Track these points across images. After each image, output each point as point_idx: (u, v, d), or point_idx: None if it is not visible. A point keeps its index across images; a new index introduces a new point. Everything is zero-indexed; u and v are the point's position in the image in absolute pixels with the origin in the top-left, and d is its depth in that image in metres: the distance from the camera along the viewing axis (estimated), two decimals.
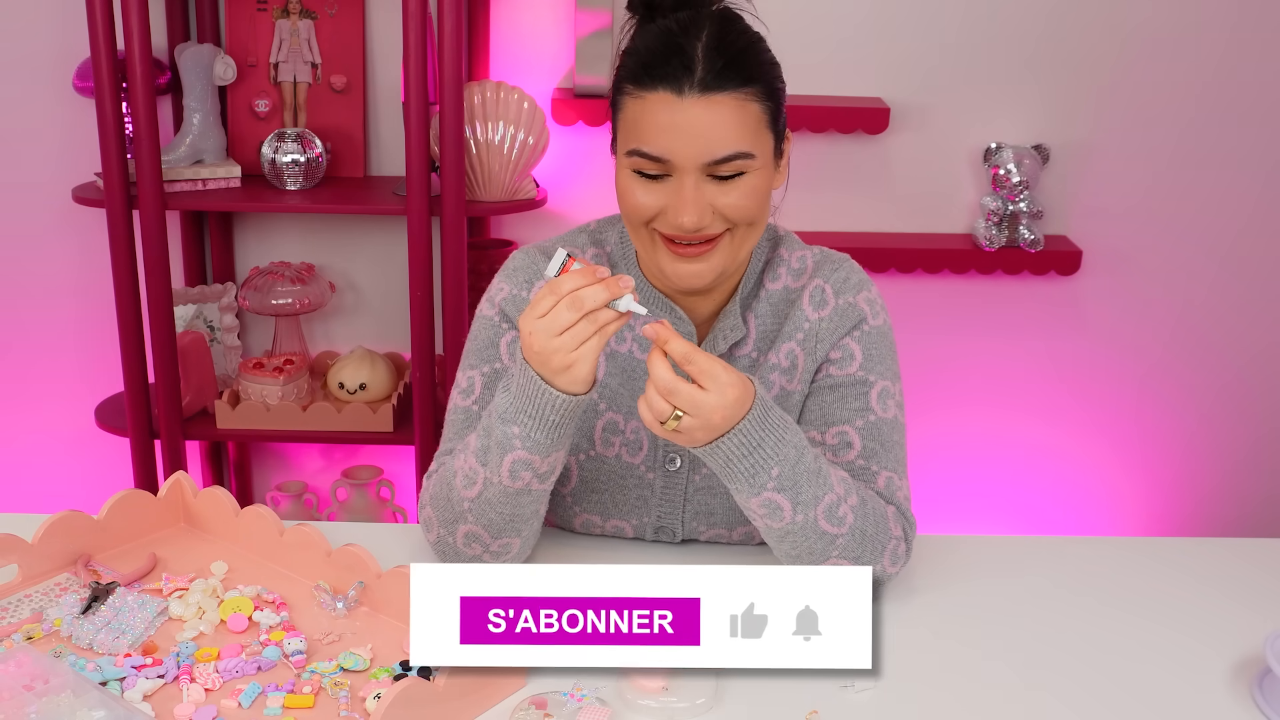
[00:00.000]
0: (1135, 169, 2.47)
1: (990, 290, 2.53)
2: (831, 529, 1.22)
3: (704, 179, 1.22)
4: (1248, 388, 2.63)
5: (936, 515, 2.66)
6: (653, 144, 1.21)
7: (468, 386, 1.36)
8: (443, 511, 1.29)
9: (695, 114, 1.20)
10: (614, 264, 1.39)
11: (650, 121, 1.21)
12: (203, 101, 2.24)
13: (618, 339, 1.38)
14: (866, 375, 1.35)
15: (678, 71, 1.20)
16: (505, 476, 1.22)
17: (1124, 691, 1.19)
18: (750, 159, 1.22)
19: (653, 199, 1.24)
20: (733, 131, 1.21)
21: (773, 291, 1.38)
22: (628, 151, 1.24)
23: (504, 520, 1.26)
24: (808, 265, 1.39)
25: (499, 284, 1.40)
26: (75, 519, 1.30)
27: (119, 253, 2.15)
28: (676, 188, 1.22)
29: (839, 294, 1.37)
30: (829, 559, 1.24)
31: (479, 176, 2.22)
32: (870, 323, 1.37)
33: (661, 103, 1.21)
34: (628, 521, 1.42)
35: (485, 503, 1.25)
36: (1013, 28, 2.38)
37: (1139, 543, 1.56)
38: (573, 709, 1.08)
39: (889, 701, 1.16)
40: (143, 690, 1.09)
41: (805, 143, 2.40)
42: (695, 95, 1.20)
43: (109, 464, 2.55)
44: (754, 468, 1.17)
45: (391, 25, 2.31)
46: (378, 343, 2.51)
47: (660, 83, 1.21)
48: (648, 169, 1.23)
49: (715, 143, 1.20)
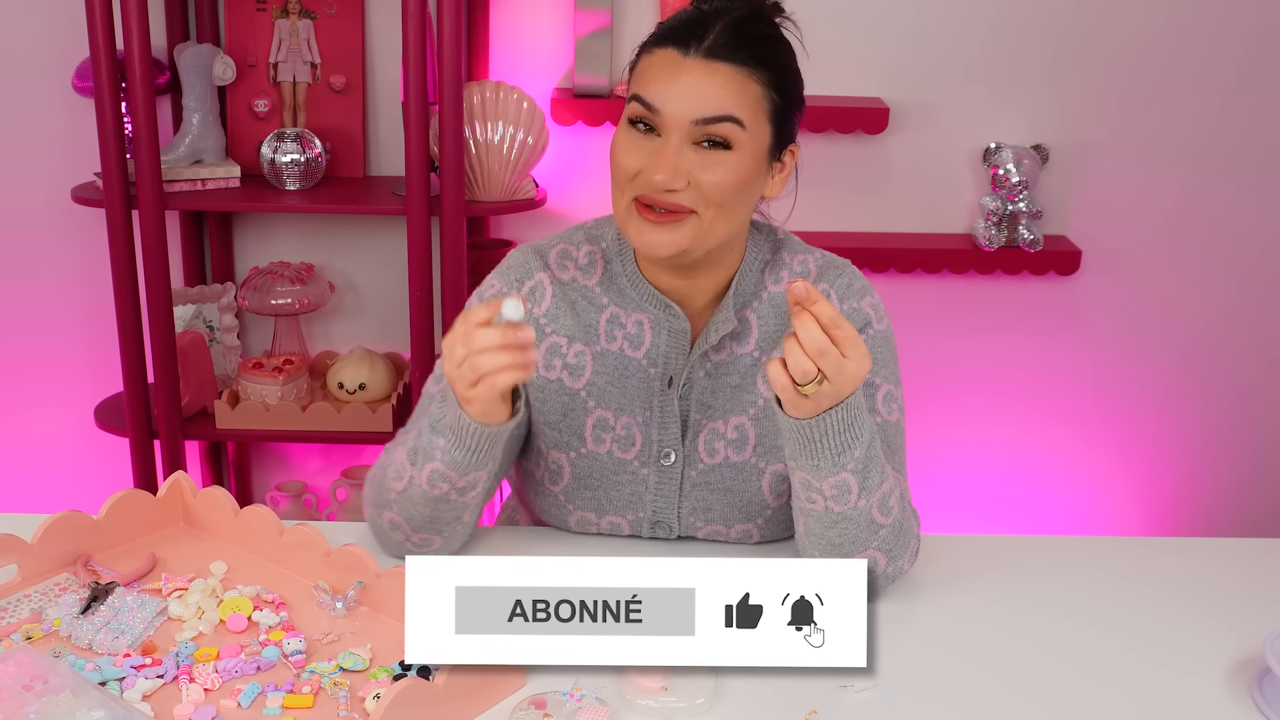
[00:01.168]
0: (1135, 169, 2.47)
1: (990, 290, 2.53)
2: (881, 519, 1.24)
3: (688, 145, 1.24)
4: (1249, 387, 2.63)
5: (936, 515, 2.65)
6: (648, 90, 1.25)
7: (438, 374, 1.39)
8: (375, 493, 1.34)
9: (695, 73, 1.24)
10: (609, 261, 1.40)
11: (652, 73, 1.26)
12: (202, 101, 2.23)
13: (607, 336, 1.38)
14: (873, 379, 1.35)
15: (688, 35, 1.25)
16: (424, 483, 1.26)
17: (1124, 691, 1.19)
18: (739, 127, 1.24)
19: (637, 157, 1.26)
20: (727, 98, 1.24)
21: (775, 294, 1.39)
22: (629, 98, 1.28)
23: (424, 519, 1.30)
24: (810, 269, 1.41)
25: (491, 281, 1.41)
26: (75, 519, 1.30)
27: (119, 253, 2.15)
28: (661, 146, 1.25)
29: (844, 299, 1.38)
30: (868, 549, 1.25)
31: (478, 176, 2.22)
32: (875, 327, 1.38)
33: (666, 57, 1.25)
34: (623, 517, 1.42)
35: (408, 499, 1.29)
36: (1013, 28, 2.38)
37: (1139, 543, 1.56)
38: (572, 709, 1.08)
39: (889, 701, 1.16)
40: (142, 690, 1.09)
41: (805, 143, 2.37)
42: (698, 58, 1.24)
43: (108, 464, 2.55)
44: (844, 444, 1.17)
45: (391, 25, 2.31)
46: (377, 343, 2.51)
47: (670, 42, 1.26)
48: (642, 116, 1.26)
49: (706, 101, 1.23)
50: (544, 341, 1.38)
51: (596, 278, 1.39)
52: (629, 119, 1.28)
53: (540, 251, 1.41)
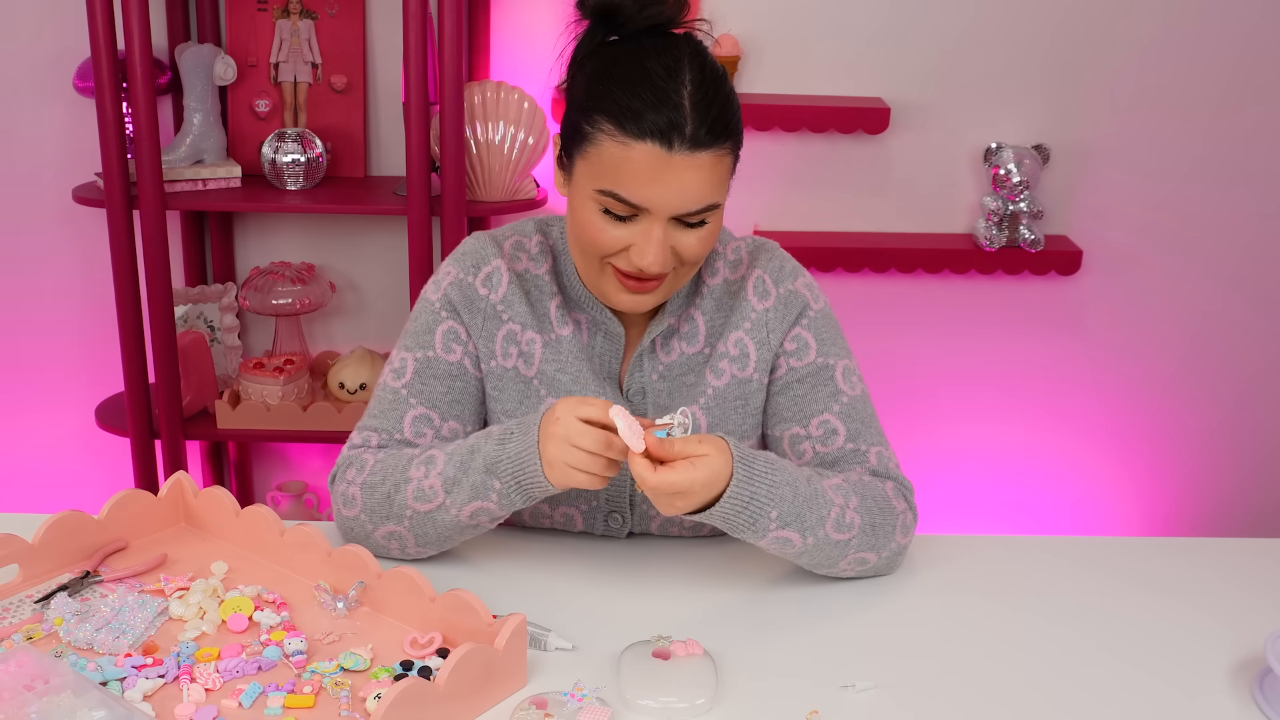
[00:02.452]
0: (1136, 169, 2.47)
1: (990, 290, 2.53)
2: (843, 536, 1.28)
3: (670, 224, 1.24)
4: (1249, 387, 2.63)
5: (936, 515, 2.66)
6: (632, 193, 1.22)
7: (400, 367, 1.38)
8: (374, 503, 1.32)
9: (681, 171, 1.20)
10: (556, 256, 1.41)
11: (633, 172, 1.21)
12: (203, 101, 2.24)
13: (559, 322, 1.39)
14: (826, 360, 1.39)
15: (668, 127, 1.19)
16: (465, 516, 1.27)
17: (1124, 691, 1.19)
18: (718, 209, 1.26)
19: (619, 237, 1.25)
20: (709, 186, 1.23)
21: (714, 286, 1.41)
22: (601, 190, 1.23)
23: (438, 538, 1.32)
24: (743, 256, 1.43)
25: (447, 268, 1.41)
26: (75, 519, 1.30)
27: (119, 253, 2.15)
28: (645, 231, 1.23)
29: (778, 283, 1.40)
30: (846, 558, 1.31)
31: (479, 176, 2.22)
32: (814, 307, 1.41)
33: (649, 155, 1.20)
34: (576, 508, 1.43)
35: (430, 521, 1.29)
36: (1013, 28, 2.38)
37: (1139, 543, 1.55)
38: (573, 709, 1.08)
39: (889, 701, 1.16)
40: (143, 690, 1.09)
41: (805, 143, 2.40)
42: (684, 153, 1.20)
43: (109, 464, 2.55)
44: (753, 518, 1.22)
45: (391, 25, 2.31)
46: (378, 343, 2.51)
47: (650, 136, 1.19)
48: (618, 211, 1.24)
49: (693, 197, 1.22)
50: (500, 329, 1.38)
51: (547, 267, 1.40)
52: (601, 208, 1.24)
53: (496, 239, 1.42)
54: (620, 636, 1.22)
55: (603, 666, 1.18)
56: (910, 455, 2.61)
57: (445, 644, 1.17)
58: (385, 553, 1.35)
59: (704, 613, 1.31)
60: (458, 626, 1.16)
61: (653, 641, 1.18)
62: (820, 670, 1.20)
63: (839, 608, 1.32)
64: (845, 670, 1.20)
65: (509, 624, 1.12)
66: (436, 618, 1.18)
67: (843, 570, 1.33)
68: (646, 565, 1.40)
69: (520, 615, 1.13)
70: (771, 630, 1.27)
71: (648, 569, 1.39)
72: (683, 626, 1.27)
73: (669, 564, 1.40)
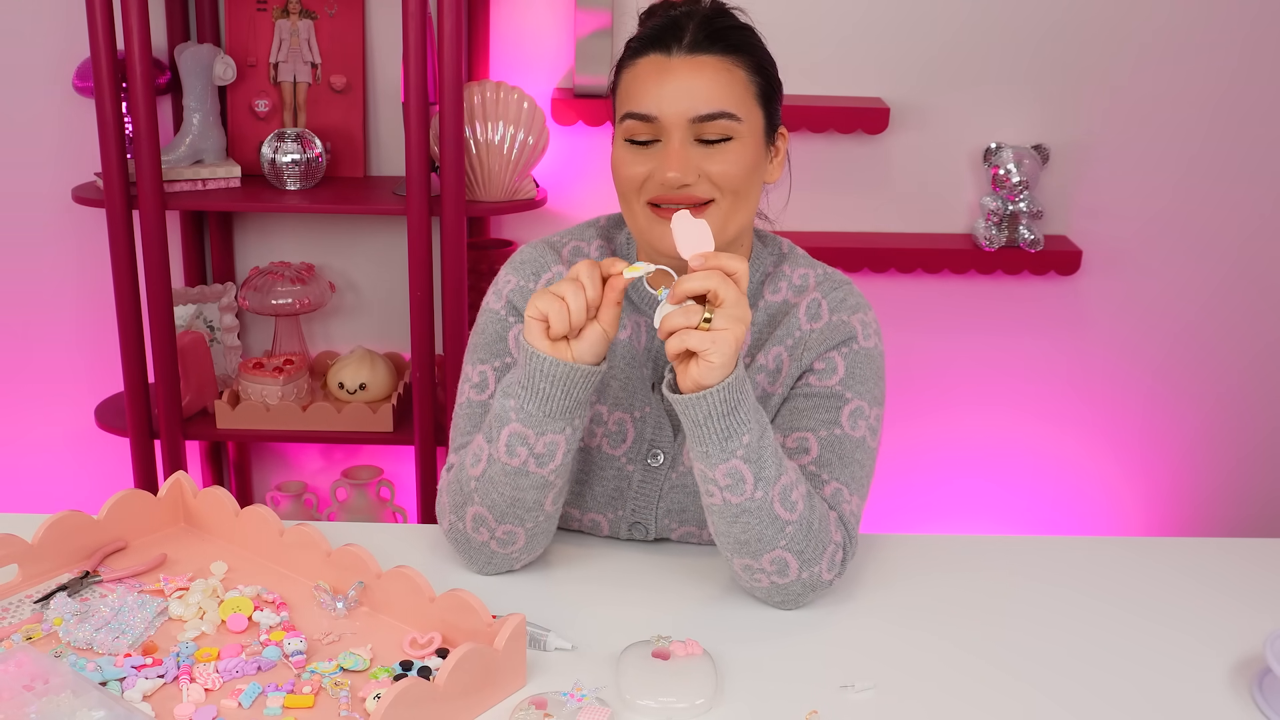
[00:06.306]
0: (1135, 169, 2.47)
1: (990, 290, 2.53)
2: (784, 514, 1.22)
3: (691, 142, 1.26)
4: (1249, 387, 2.63)
5: (936, 516, 2.66)
6: (642, 102, 1.26)
7: (480, 381, 1.38)
8: (454, 495, 1.32)
9: (682, 72, 1.25)
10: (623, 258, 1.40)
11: (640, 85, 1.27)
12: (202, 101, 2.24)
13: (635, 332, 1.38)
14: (844, 391, 1.35)
15: (667, 37, 1.27)
16: (503, 452, 1.25)
17: (1124, 691, 1.19)
18: (736, 121, 1.26)
19: (643, 165, 1.27)
20: (719, 91, 1.26)
21: (772, 303, 1.39)
22: (621, 118, 1.29)
23: (506, 503, 1.27)
24: (809, 282, 1.40)
25: (506, 276, 1.41)
26: (75, 519, 1.30)
27: (119, 253, 2.15)
28: (664, 148, 1.26)
29: (834, 311, 1.38)
30: (775, 548, 1.23)
31: (479, 176, 2.22)
32: (860, 343, 1.37)
33: (650, 64, 1.27)
34: (604, 515, 1.43)
35: (489, 481, 1.27)
36: (1013, 28, 2.38)
37: (1139, 543, 1.55)
38: (573, 709, 1.08)
39: (889, 701, 1.16)
40: (143, 690, 1.09)
41: (805, 143, 2.40)
42: (683, 55, 1.26)
43: (109, 464, 2.55)
44: (730, 428, 1.17)
45: (391, 25, 2.32)
46: (378, 343, 2.51)
47: (651, 47, 1.28)
48: (639, 133, 1.27)
49: (701, 99, 1.25)
50: None
51: None
52: (625, 139, 1.29)
53: (554, 246, 1.42)
54: (620, 636, 1.22)
55: (602, 666, 1.18)
56: (910, 455, 2.62)
57: (445, 644, 1.17)
58: (482, 552, 1.32)
59: (704, 613, 1.31)
60: (457, 626, 1.16)
61: (652, 641, 1.18)
62: (820, 670, 1.20)
63: (839, 608, 1.32)
64: (845, 670, 1.20)
65: (508, 624, 1.12)
66: (436, 618, 1.18)
67: (764, 565, 1.25)
68: (646, 565, 1.40)
69: (520, 615, 1.13)
70: (771, 630, 1.27)
71: (647, 569, 1.39)
72: (682, 626, 1.27)
73: (669, 564, 1.41)
